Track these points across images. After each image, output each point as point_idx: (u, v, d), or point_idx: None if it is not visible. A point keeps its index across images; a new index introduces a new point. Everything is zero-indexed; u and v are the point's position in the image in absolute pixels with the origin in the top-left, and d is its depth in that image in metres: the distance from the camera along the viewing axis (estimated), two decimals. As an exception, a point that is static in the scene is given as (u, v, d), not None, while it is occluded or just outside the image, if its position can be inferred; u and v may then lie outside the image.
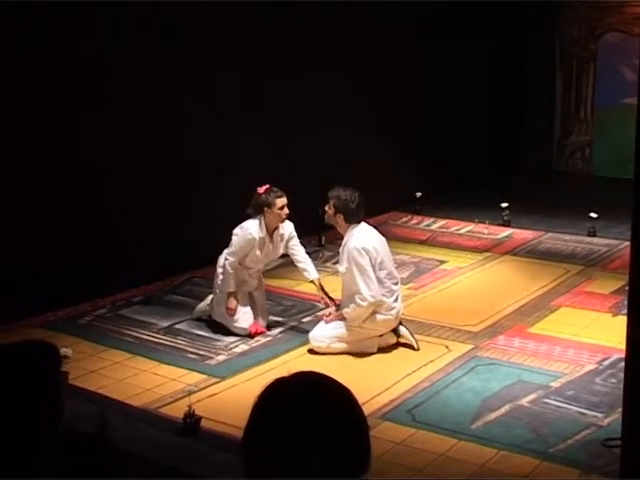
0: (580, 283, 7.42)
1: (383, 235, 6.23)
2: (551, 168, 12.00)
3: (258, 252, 6.27)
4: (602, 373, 5.54)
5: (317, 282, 6.34)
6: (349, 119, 8.91)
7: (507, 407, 5.06)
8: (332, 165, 8.52)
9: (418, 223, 9.58)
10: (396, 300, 6.00)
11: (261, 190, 6.18)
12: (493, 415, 4.97)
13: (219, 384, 5.45)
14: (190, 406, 4.70)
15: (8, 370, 2.06)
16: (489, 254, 8.42)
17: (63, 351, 5.00)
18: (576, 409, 5.03)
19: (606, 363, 5.69)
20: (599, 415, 4.94)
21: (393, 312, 5.97)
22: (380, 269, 5.91)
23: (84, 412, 4.20)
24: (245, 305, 6.34)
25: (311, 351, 5.98)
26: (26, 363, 2.09)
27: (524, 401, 5.14)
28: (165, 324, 6.49)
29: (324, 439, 1.63)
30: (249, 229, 6.20)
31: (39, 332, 6.02)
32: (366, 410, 1.75)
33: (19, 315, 6.20)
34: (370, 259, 5.85)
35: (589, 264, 8.01)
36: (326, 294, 6.30)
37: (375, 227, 6.26)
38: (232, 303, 6.25)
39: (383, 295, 5.90)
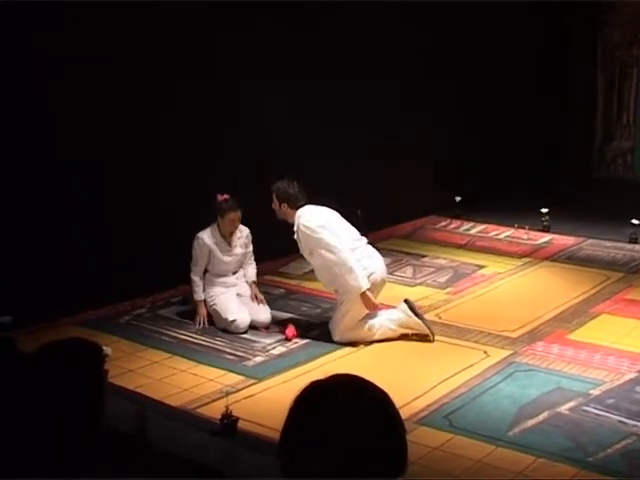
0: (621, 290, 7.33)
1: (421, 239, 6.22)
2: (592, 174, 11.85)
3: (221, 256, 6.48)
4: (643, 382, 5.46)
5: (253, 285, 6.66)
6: (389, 122, 8.89)
7: (545, 414, 5.00)
8: (372, 168, 8.53)
9: (457, 227, 9.53)
10: (355, 251, 6.06)
11: (220, 198, 6.39)
12: (531, 422, 4.92)
13: (256, 385, 5.46)
14: (228, 407, 4.71)
15: (53, 367, 2.09)
16: (528, 260, 8.35)
17: (103, 349, 5.05)
18: (616, 418, 4.95)
19: (647, 372, 5.61)
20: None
21: (364, 265, 6.04)
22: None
23: (122, 411, 4.23)
24: (237, 304, 6.46)
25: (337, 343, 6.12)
26: (71, 360, 2.12)
27: (563, 409, 5.08)
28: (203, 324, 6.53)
29: (360, 442, 1.63)
30: (201, 237, 6.48)
31: (79, 330, 6.08)
32: (403, 414, 1.75)
33: (60, 313, 6.27)
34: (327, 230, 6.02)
35: (630, 271, 7.92)
36: (257, 296, 6.57)
37: (413, 230, 6.26)
38: (202, 310, 6.47)
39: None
